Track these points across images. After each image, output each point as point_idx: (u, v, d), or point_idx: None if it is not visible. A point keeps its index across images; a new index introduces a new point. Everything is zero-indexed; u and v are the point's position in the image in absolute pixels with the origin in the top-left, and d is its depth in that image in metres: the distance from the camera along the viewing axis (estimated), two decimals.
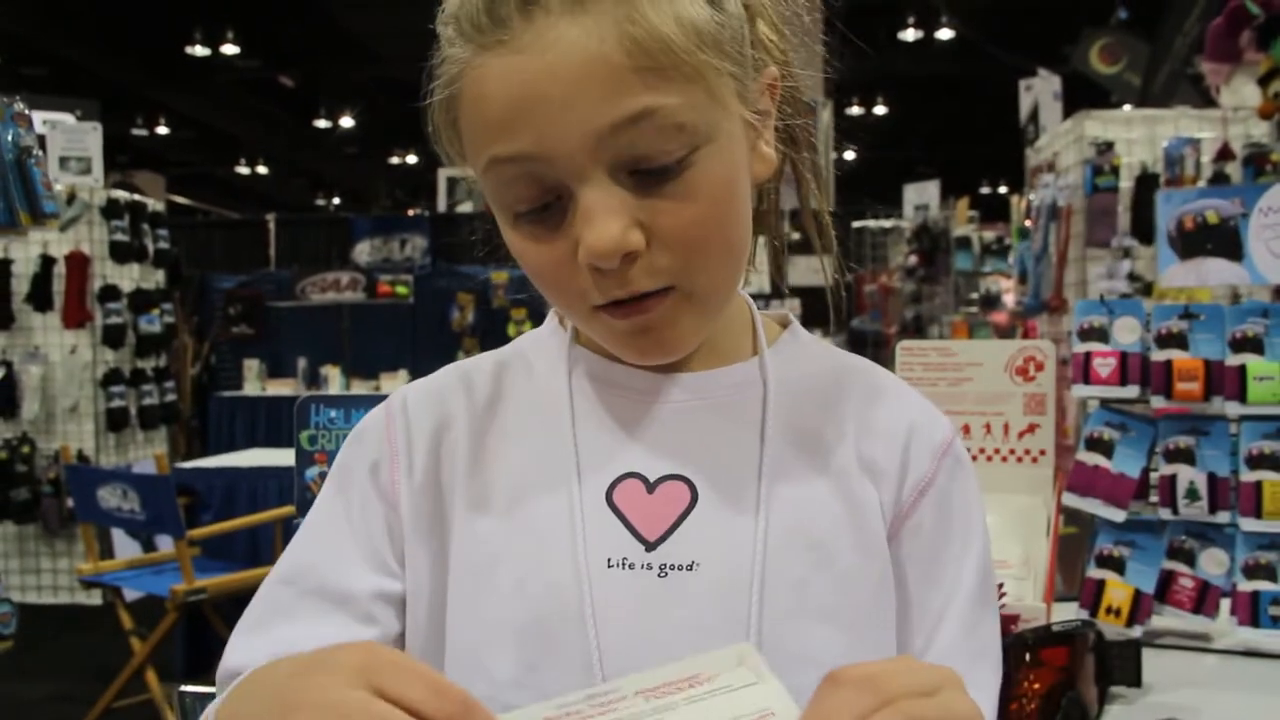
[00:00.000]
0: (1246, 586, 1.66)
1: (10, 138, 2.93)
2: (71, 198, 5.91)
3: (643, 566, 0.75)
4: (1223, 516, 1.69)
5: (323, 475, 1.42)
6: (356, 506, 0.81)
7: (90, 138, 6.14)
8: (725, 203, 0.73)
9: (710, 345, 0.81)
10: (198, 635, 4.32)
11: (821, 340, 0.89)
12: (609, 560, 0.76)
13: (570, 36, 0.67)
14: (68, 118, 7.04)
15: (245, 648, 0.77)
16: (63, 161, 6.02)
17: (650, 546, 0.76)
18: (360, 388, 8.38)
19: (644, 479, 0.78)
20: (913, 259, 9.33)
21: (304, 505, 1.42)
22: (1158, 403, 1.71)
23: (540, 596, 0.76)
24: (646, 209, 0.70)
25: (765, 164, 0.79)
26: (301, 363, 8.74)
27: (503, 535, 0.78)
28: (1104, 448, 1.72)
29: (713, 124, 0.71)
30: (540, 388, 0.83)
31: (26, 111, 3.07)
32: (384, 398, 0.88)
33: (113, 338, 6.12)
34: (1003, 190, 15.48)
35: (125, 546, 5.48)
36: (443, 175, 10.03)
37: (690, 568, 0.75)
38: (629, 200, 0.70)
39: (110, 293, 6.10)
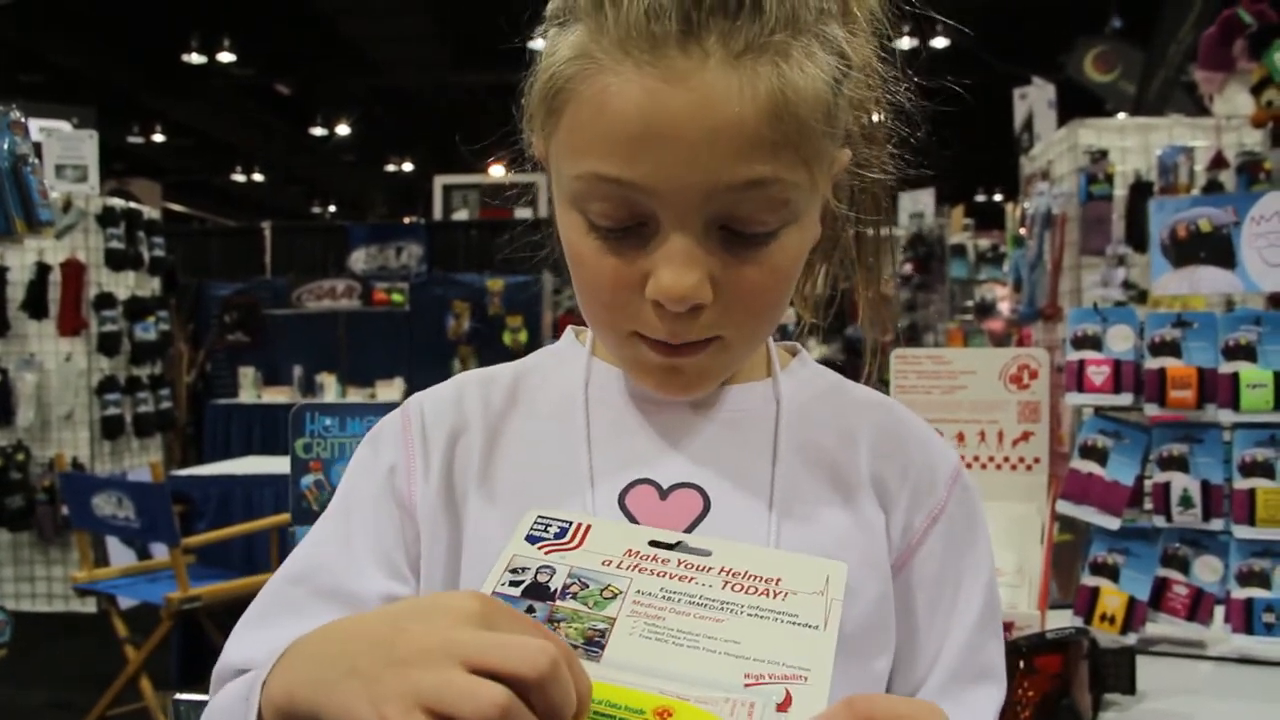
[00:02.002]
0: (1240, 594, 1.67)
1: (6, 146, 2.93)
2: (67, 205, 5.91)
3: None
4: (1216, 524, 1.69)
5: (318, 484, 1.42)
6: (370, 509, 0.81)
7: (86, 145, 6.14)
8: (791, 276, 0.76)
9: None
10: (192, 643, 4.30)
11: (831, 371, 0.91)
12: None
13: (721, 87, 0.67)
14: (64, 125, 7.03)
15: (249, 643, 0.75)
16: (59, 169, 6.02)
17: None
18: (356, 395, 8.38)
19: (657, 486, 0.79)
20: (908, 267, 9.34)
21: (299, 514, 1.42)
22: (1151, 410, 1.72)
23: None
24: (723, 268, 0.72)
25: (814, 233, 0.80)
26: (297, 370, 8.73)
27: None
28: (1098, 455, 1.73)
29: (806, 205, 0.74)
30: (556, 397, 0.84)
31: (22, 119, 3.07)
32: (380, 406, 0.89)
33: (108, 345, 6.11)
34: (998, 198, 15.50)
35: (120, 554, 5.46)
36: (438, 183, 10.04)
37: None
38: (712, 254, 0.71)
39: (106, 300, 6.09)
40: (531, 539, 0.67)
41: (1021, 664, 1.31)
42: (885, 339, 0.94)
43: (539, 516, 0.69)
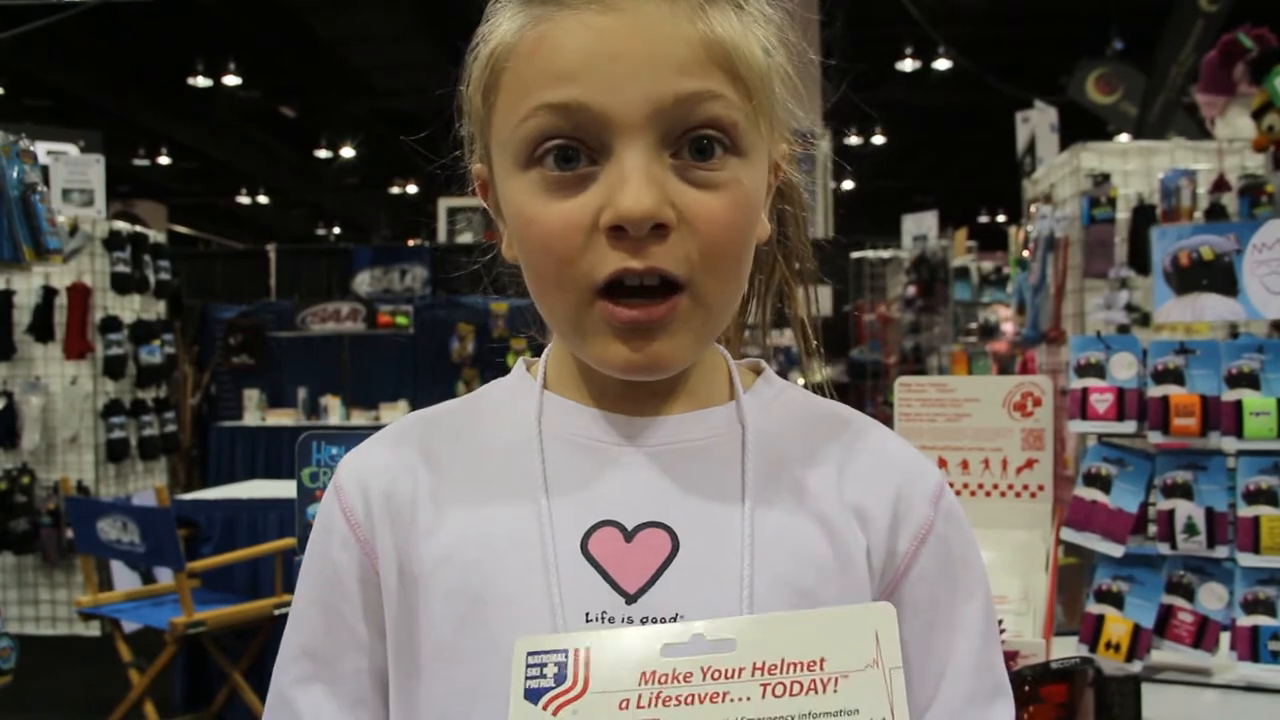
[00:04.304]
0: (1246, 621, 1.67)
1: (15, 174, 2.95)
2: (74, 229, 5.94)
3: (623, 620, 0.72)
4: (1221, 551, 1.69)
5: None
6: (330, 587, 0.80)
7: (93, 170, 6.18)
8: (746, 218, 0.74)
9: (686, 390, 0.80)
10: (197, 668, 4.30)
11: (796, 386, 0.88)
12: (587, 615, 0.72)
13: (654, 11, 0.70)
14: (71, 149, 7.07)
15: None
16: (65, 193, 6.06)
17: (631, 599, 0.72)
18: (360, 418, 8.38)
19: (621, 527, 0.75)
20: (911, 289, 9.36)
21: (305, 542, 1.43)
22: (1155, 438, 1.72)
23: None
24: (680, 193, 0.71)
25: (764, 229, 0.80)
26: (302, 393, 8.74)
27: (472, 592, 0.74)
28: (1102, 483, 1.73)
29: (752, 143, 0.74)
30: (508, 435, 0.79)
31: (31, 148, 3.10)
32: (383, 428, 0.86)
33: (113, 369, 6.13)
34: (1001, 220, 15.53)
35: (124, 578, 5.46)
36: (443, 206, 10.07)
37: (673, 620, 0.71)
38: (668, 178, 0.71)
39: (111, 324, 6.12)
40: (532, 695, 0.59)
41: (1026, 693, 1.31)
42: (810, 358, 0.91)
43: (529, 654, 0.60)
